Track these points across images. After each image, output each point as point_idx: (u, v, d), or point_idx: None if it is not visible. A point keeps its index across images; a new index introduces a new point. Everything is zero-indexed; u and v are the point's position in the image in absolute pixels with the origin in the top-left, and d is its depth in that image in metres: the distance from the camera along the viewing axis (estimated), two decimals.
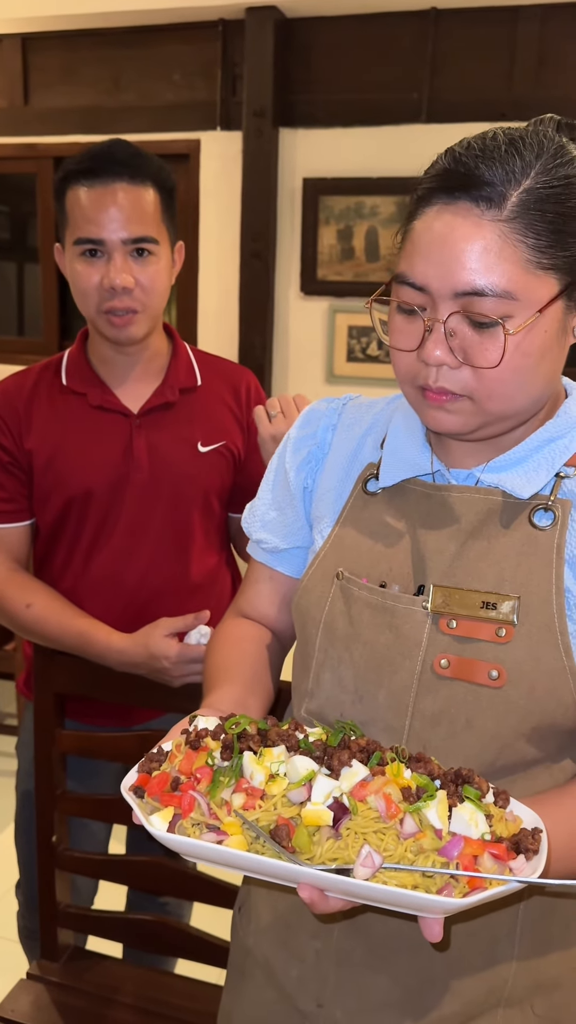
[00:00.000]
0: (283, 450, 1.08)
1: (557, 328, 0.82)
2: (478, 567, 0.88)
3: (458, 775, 0.77)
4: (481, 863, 0.70)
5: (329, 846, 0.70)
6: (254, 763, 0.75)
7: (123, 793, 0.77)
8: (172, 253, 1.51)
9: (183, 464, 1.53)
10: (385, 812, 0.71)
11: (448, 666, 0.87)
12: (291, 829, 0.70)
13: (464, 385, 0.83)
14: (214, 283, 3.63)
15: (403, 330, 0.85)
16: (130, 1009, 1.51)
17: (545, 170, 0.79)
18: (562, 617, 0.85)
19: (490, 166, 0.79)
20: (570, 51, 3.10)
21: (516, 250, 0.78)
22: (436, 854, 0.70)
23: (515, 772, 0.88)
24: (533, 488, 0.88)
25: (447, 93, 3.23)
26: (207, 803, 0.73)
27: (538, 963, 0.93)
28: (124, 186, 1.41)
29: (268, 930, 1.02)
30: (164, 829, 0.73)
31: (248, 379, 1.65)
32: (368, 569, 0.94)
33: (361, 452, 1.01)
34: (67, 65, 3.66)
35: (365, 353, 3.45)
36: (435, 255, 0.80)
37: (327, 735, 0.80)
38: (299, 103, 3.40)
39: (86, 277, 1.43)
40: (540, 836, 0.73)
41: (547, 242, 0.79)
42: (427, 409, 0.86)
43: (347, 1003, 0.94)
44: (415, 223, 0.83)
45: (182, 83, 3.54)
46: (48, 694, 1.49)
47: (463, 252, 0.78)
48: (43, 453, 1.51)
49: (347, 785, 0.73)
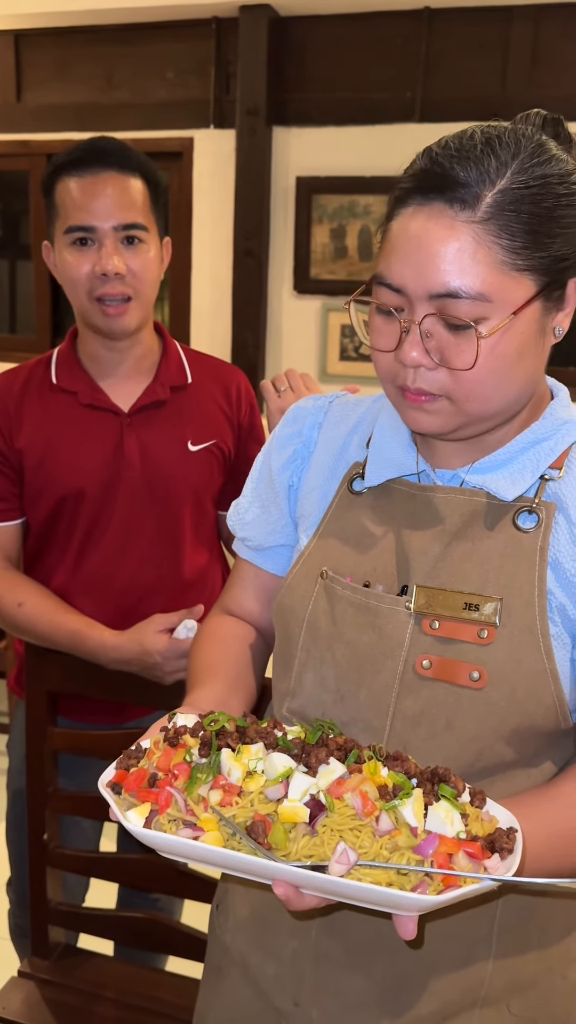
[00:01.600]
0: (268, 448, 1.08)
1: (535, 329, 0.82)
2: (462, 568, 0.88)
3: (434, 774, 0.77)
4: (456, 861, 0.70)
5: (305, 843, 0.71)
6: (232, 760, 0.75)
7: (100, 789, 0.77)
8: (161, 247, 1.52)
9: (173, 463, 1.53)
10: (361, 810, 0.71)
11: (430, 667, 0.87)
12: (267, 825, 0.71)
13: (441, 386, 0.83)
14: (207, 281, 3.63)
15: (382, 331, 0.85)
16: (121, 1006, 1.51)
17: (521, 169, 0.79)
18: (544, 619, 0.85)
19: (465, 166, 0.78)
20: (564, 51, 3.10)
21: (490, 252, 0.77)
22: (411, 852, 0.70)
23: (494, 774, 0.88)
24: (518, 490, 0.88)
25: (441, 92, 3.23)
26: (184, 799, 0.74)
27: (515, 963, 0.93)
28: (113, 175, 1.43)
29: (246, 928, 1.02)
30: (140, 825, 0.73)
31: (239, 378, 1.65)
32: (352, 569, 0.93)
33: (347, 451, 1.01)
34: (60, 62, 3.66)
35: (358, 352, 3.46)
36: (410, 256, 0.80)
37: (305, 733, 0.81)
38: (293, 102, 3.40)
39: (76, 266, 1.44)
40: (515, 836, 0.74)
41: (522, 243, 0.78)
42: (407, 409, 0.87)
43: (324, 1002, 0.94)
44: (392, 223, 0.83)
45: (175, 81, 3.53)
46: (39, 692, 1.49)
47: (437, 254, 0.78)
48: (34, 452, 1.51)
49: (324, 782, 0.73)
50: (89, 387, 1.52)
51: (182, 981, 1.58)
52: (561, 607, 0.86)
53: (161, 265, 1.52)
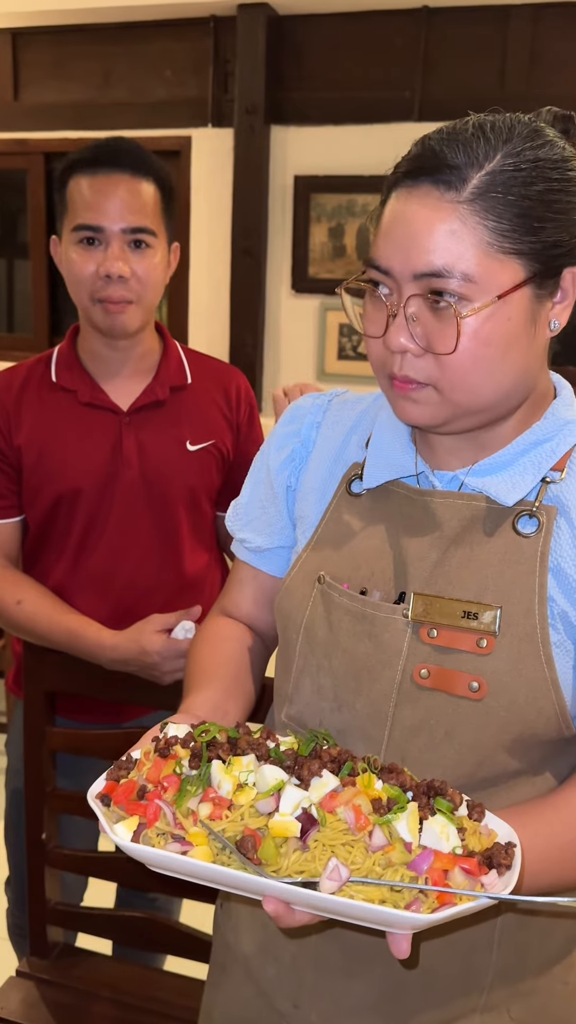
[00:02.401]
0: (267, 448, 1.06)
1: (524, 318, 0.80)
2: (460, 575, 0.86)
3: (430, 787, 0.75)
4: (452, 878, 0.68)
5: (296, 858, 0.69)
6: (222, 772, 0.74)
7: (89, 801, 0.76)
8: (168, 252, 1.52)
9: (172, 463, 1.53)
10: (354, 824, 0.70)
11: (428, 676, 0.85)
12: (257, 840, 0.69)
13: (428, 374, 0.81)
14: (205, 280, 3.62)
15: (372, 317, 0.84)
16: (119, 1005, 1.51)
17: (512, 153, 0.77)
18: (544, 627, 0.83)
19: (453, 149, 0.78)
20: (562, 50, 3.09)
21: (475, 232, 0.76)
22: (405, 868, 0.69)
23: (496, 784, 0.87)
24: (518, 494, 0.86)
25: (439, 91, 3.22)
26: (172, 812, 0.72)
27: (516, 969, 0.92)
28: (126, 177, 1.43)
29: (247, 929, 1.02)
30: (128, 839, 0.72)
31: (238, 379, 1.65)
32: (349, 573, 0.92)
33: (346, 451, 0.99)
34: (57, 60, 3.64)
35: (356, 351, 3.46)
36: (397, 237, 0.79)
37: (299, 744, 0.79)
38: (291, 100, 3.39)
39: (82, 264, 1.44)
40: (513, 851, 0.72)
41: (510, 226, 0.76)
42: (395, 399, 0.85)
43: (322, 1006, 0.94)
44: (384, 208, 0.82)
45: (173, 79, 3.52)
46: (38, 692, 1.49)
47: (421, 233, 0.77)
48: (32, 450, 1.51)
49: (316, 796, 0.72)
50: (88, 386, 1.52)
51: (181, 980, 1.58)
52: (563, 614, 0.84)
53: (167, 270, 1.52)
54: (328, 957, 0.93)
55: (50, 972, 1.57)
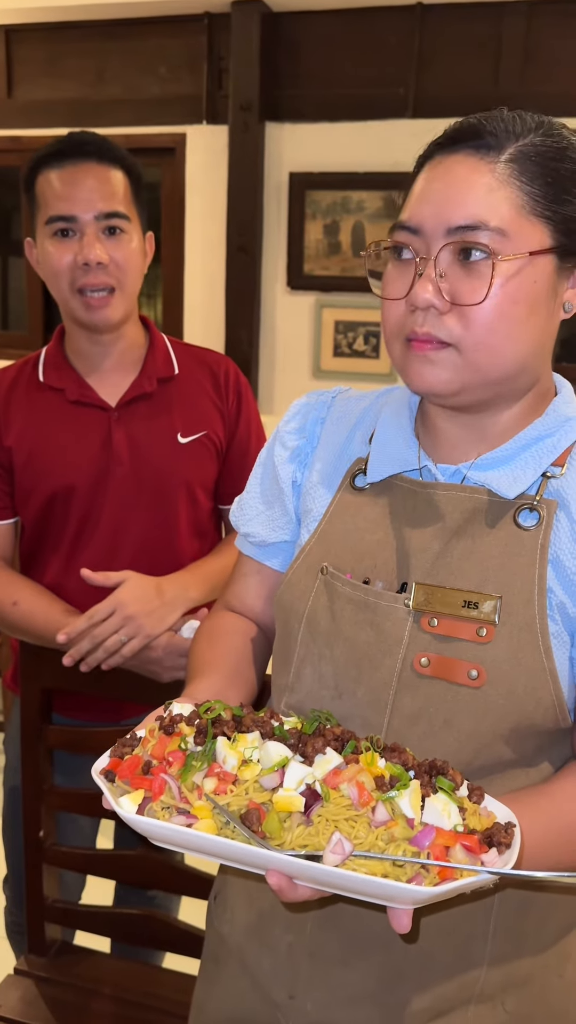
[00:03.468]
0: (272, 444, 1.07)
1: (547, 286, 0.83)
2: (461, 566, 0.88)
3: (432, 766, 0.76)
4: (453, 854, 0.69)
5: (300, 832, 0.70)
6: (227, 748, 0.75)
7: (93, 776, 0.77)
8: (144, 240, 1.51)
9: (163, 456, 1.53)
10: (357, 800, 0.71)
11: (428, 664, 0.86)
12: (262, 814, 0.70)
13: (450, 332, 0.82)
14: (200, 277, 3.62)
15: (395, 278, 0.86)
16: (118, 1002, 1.51)
17: (544, 134, 0.83)
18: (543, 618, 0.84)
19: (492, 122, 0.82)
20: (556, 47, 3.10)
21: (510, 190, 0.80)
22: (407, 843, 0.69)
23: (492, 773, 0.88)
24: (519, 488, 0.87)
25: (433, 89, 3.23)
26: (178, 786, 0.73)
27: (511, 961, 0.93)
28: (93, 165, 1.43)
29: (242, 920, 1.02)
30: (133, 811, 0.73)
31: (227, 365, 1.64)
32: (353, 565, 0.93)
33: (350, 447, 1.00)
34: (51, 58, 3.64)
35: (352, 348, 3.45)
36: (432, 195, 0.82)
37: (302, 724, 0.80)
38: (285, 97, 3.39)
39: (58, 257, 1.43)
40: (513, 830, 0.73)
41: (541, 191, 0.81)
42: (412, 363, 0.85)
43: (318, 996, 0.94)
44: (418, 177, 0.86)
45: (168, 76, 3.52)
46: (35, 689, 1.49)
47: (459, 191, 0.81)
48: (23, 450, 1.50)
49: (320, 772, 0.73)
50: (76, 383, 1.52)
51: (179, 977, 1.57)
52: (561, 605, 0.86)
53: (144, 258, 1.51)
54: (324, 946, 0.94)
55: (48, 970, 1.56)
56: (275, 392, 3.58)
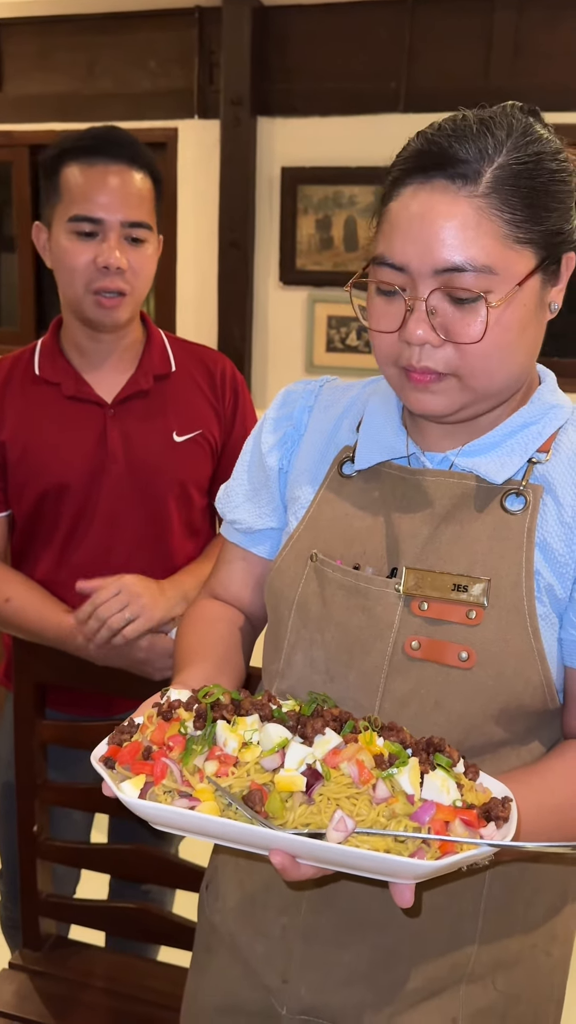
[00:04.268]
0: (259, 431, 1.08)
1: (535, 302, 0.84)
2: (450, 550, 0.89)
3: (430, 743, 0.77)
4: (452, 829, 0.70)
5: (302, 811, 0.70)
6: (227, 731, 0.75)
7: (92, 763, 0.77)
8: (157, 244, 1.51)
9: (158, 455, 1.52)
10: (358, 778, 0.71)
11: (419, 648, 0.87)
12: (264, 795, 0.70)
13: (448, 363, 0.84)
14: (192, 273, 3.61)
15: (384, 312, 0.86)
16: (113, 996, 1.51)
17: (516, 147, 0.81)
18: (531, 599, 0.86)
19: (463, 144, 0.80)
20: (546, 40, 3.11)
21: (493, 224, 0.80)
22: (408, 819, 0.70)
23: (483, 753, 0.89)
24: (507, 473, 0.89)
25: (424, 82, 3.23)
26: (179, 770, 0.73)
27: (501, 940, 0.94)
28: (123, 168, 1.42)
29: (235, 907, 1.02)
30: (135, 796, 0.73)
31: (224, 364, 1.64)
32: (342, 551, 0.94)
33: (337, 434, 1.01)
34: (42, 52, 3.63)
35: (344, 343, 3.46)
36: (414, 233, 0.81)
37: (300, 706, 0.81)
38: (277, 92, 3.39)
39: (77, 255, 1.42)
40: (510, 805, 0.74)
41: (522, 216, 0.80)
42: (411, 391, 0.87)
43: (312, 979, 0.95)
44: (391, 205, 0.84)
45: (158, 70, 3.52)
46: (28, 684, 1.48)
47: (442, 229, 0.80)
48: (17, 445, 1.49)
49: (320, 752, 0.73)
50: (72, 378, 1.51)
51: (174, 970, 1.58)
52: (549, 587, 0.87)
53: (156, 262, 1.51)
54: (318, 929, 0.94)
55: (43, 964, 1.56)
56: (268, 387, 3.57)
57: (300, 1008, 0.96)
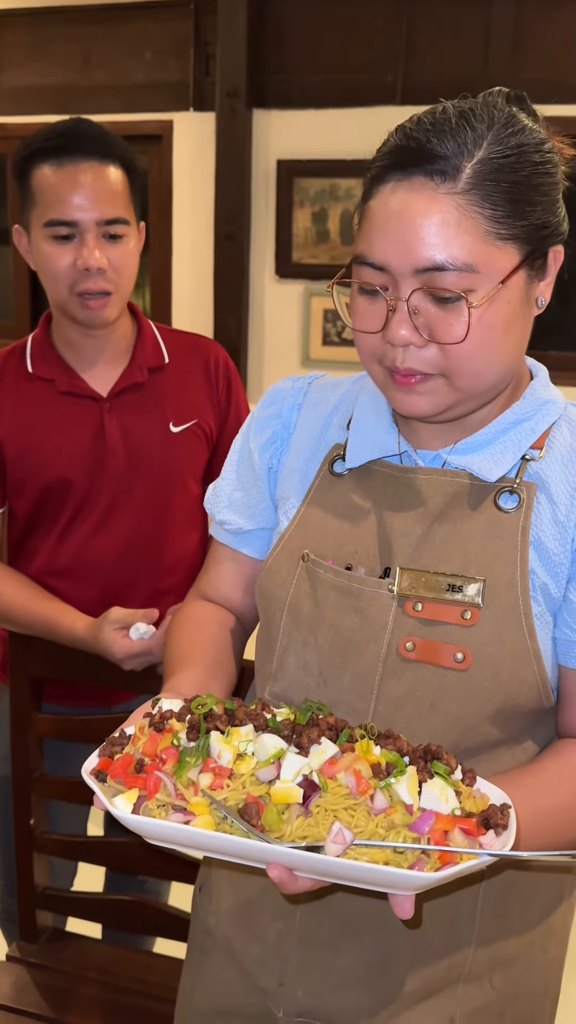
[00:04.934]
0: (247, 430, 1.06)
1: (520, 299, 0.82)
2: (444, 550, 0.88)
3: (427, 751, 0.77)
4: (452, 838, 0.69)
5: (299, 824, 0.70)
6: (221, 742, 0.74)
7: (84, 777, 0.76)
8: (138, 234, 1.50)
9: (156, 446, 1.52)
10: (355, 788, 0.71)
11: (413, 649, 0.86)
12: (260, 807, 0.70)
13: (433, 364, 0.82)
14: (188, 266, 3.60)
15: (366, 312, 0.84)
16: (109, 988, 1.52)
17: (497, 140, 0.79)
18: (526, 599, 0.85)
19: (442, 139, 0.78)
20: (545, 33, 3.09)
21: (474, 222, 0.77)
22: (407, 830, 0.70)
23: (479, 753, 0.88)
24: (500, 471, 0.87)
25: (422, 75, 3.22)
26: (173, 783, 0.72)
27: (497, 939, 0.94)
28: (94, 165, 1.39)
29: (229, 910, 1.02)
30: (128, 811, 0.72)
31: (217, 352, 1.63)
32: (334, 551, 0.93)
33: (327, 432, 0.99)
34: (36, 43, 3.60)
35: (341, 337, 3.45)
36: (393, 232, 0.79)
37: (295, 715, 0.80)
38: (273, 84, 3.37)
39: (57, 259, 1.41)
40: (509, 812, 0.73)
41: (504, 212, 0.78)
42: (396, 392, 0.86)
43: (309, 982, 0.94)
44: (371, 203, 0.82)
45: (154, 62, 3.49)
46: (24, 678, 1.49)
47: (421, 227, 0.77)
48: (14, 442, 1.49)
49: (316, 762, 0.72)
50: (66, 374, 1.51)
51: (170, 962, 1.58)
52: (544, 586, 0.86)
53: (139, 253, 1.50)
54: (314, 932, 0.94)
55: (40, 956, 1.57)
56: (264, 381, 3.57)
57: (297, 1011, 0.96)
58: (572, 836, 0.87)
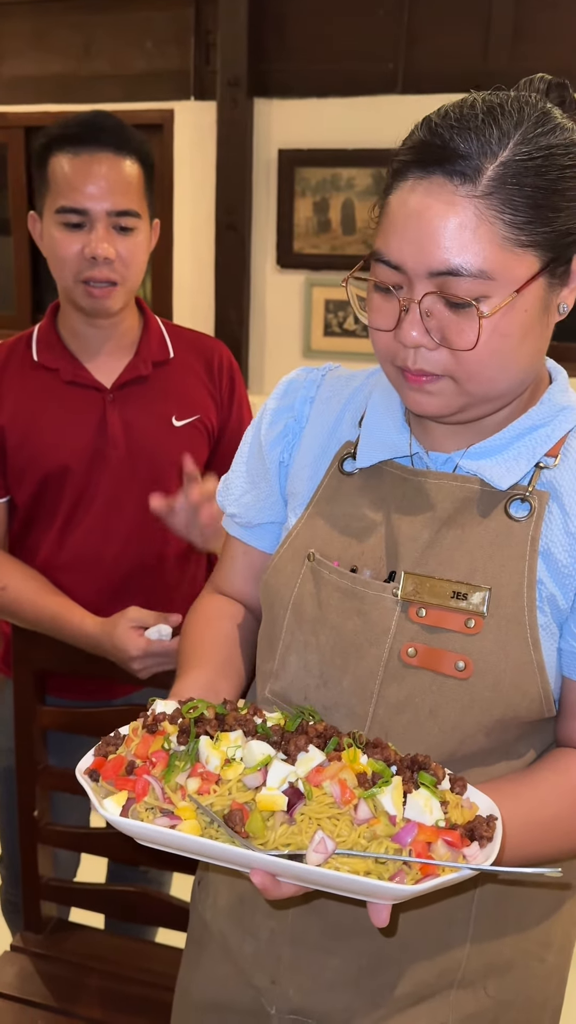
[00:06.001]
0: (259, 422, 1.04)
1: (538, 307, 0.80)
2: (451, 556, 0.87)
3: (414, 761, 0.77)
4: (435, 850, 0.70)
5: (283, 831, 0.70)
6: (210, 747, 0.75)
7: (77, 776, 0.77)
8: (150, 230, 1.50)
9: (158, 439, 1.53)
10: (340, 798, 0.71)
11: (415, 655, 0.86)
12: (245, 814, 0.70)
13: (443, 366, 0.80)
14: (189, 256, 3.59)
15: (380, 309, 0.83)
16: (112, 978, 1.54)
17: (524, 140, 0.76)
18: (532, 610, 0.84)
19: (465, 138, 0.75)
20: (545, 22, 3.06)
21: (492, 227, 0.75)
22: (389, 840, 0.70)
23: (475, 762, 0.88)
24: (512, 478, 0.86)
25: (423, 63, 3.19)
26: (161, 787, 0.73)
27: (492, 946, 0.93)
28: (110, 156, 1.40)
29: (225, 906, 1.02)
30: (117, 813, 0.73)
31: (221, 351, 1.64)
32: (340, 552, 0.92)
33: (339, 428, 0.98)
34: (36, 32, 3.58)
35: (342, 327, 3.44)
36: (409, 233, 0.77)
37: (285, 720, 0.80)
38: (274, 72, 3.35)
39: (66, 245, 1.42)
40: (495, 823, 0.73)
41: (525, 218, 0.75)
42: (407, 391, 0.84)
43: (300, 981, 0.94)
44: (391, 197, 0.80)
45: (155, 51, 3.47)
46: (27, 672, 1.50)
47: (437, 230, 0.76)
48: (16, 430, 1.50)
49: (303, 770, 0.73)
50: (71, 364, 1.51)
51: (172, 952, 1.60)
52: (551, 597, 0.85)
53: (148, 249, 1.51)
54: (306, 933, 0.94)
55: (44, 946, 1.59)
56: (265, 372, 3.56)
57: (289, 1008, 0.96)
58: (566, 848, 0.87)
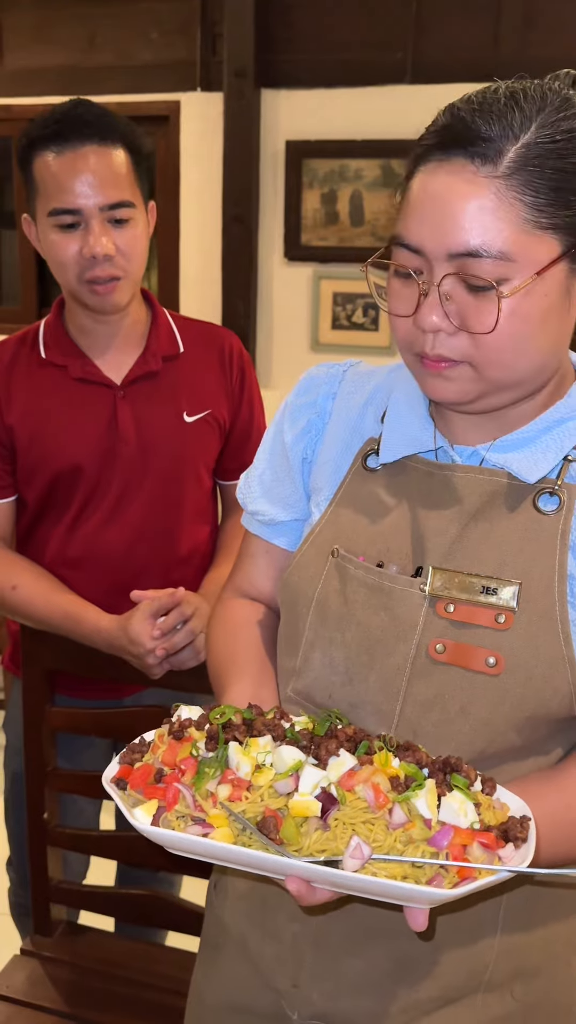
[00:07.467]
0: (281, 418, 1.04)
1: (559, 292, 0.79)
2: (479, 550, 0.86)
3: (446, 763, 0.76)
4: (470, 852, 0.69)
5: (317, 837, 0.69)
6: (240, 753, 0.74)
7: (105, 785, 0.76)
8: (147, 215, 1.47)
9: (170, 436, 1.51)
10: (374, 802, 0.70)
11: (444, 651, 0.85)
12: (278, 820, 0.69)
13: (462, 352, 0.80)
14: (196, 249, 3.57)
15: (400, 295, 0.83)
16: (123, 981, 1.53)
17: (547, 123, 0.76)
18: (563, 605, 0.83)
19: (487, 120, 0.76)
20: (556, 11, 3.04)
21: (513, 209, 0.75)
22: (426, 844, 0.69)
23: (504, 760, 0.87)
24: (540, 472, 0.86)
25: (432, 53, 3.16)
26: (192, 795, 0.72)
27: (520, 948, 0.93)
28: (95, 149, 1.37)
29: (245, 907, 1.01)
30: (148, 823, 0.72)
31: (231, 341, 1.62)
32: (365, 547, 0.91)
33: (362, 424, 0.98)
34: (41, 23, 3.55)
35: (350, 320, 3.42)
36: (429, 215, 0.78)
37: (313, 724, 0.79)
38: (281, 63, 3.32)
39: (64, 248, 1.40)
40: (528, 824, 0.73)
41: (546, 200, 0.75)
42: (426, 377, 0.84)
43: (324, 985, 0.94)
44: (412, 182, 0.81)
45: (160, 42, 3.44)
46: (36, 672, 1.49)
47: (457, 211, 0.76)
48: (25, 429, 1.48)
49: (335, 775, 0.72)
50: (79, 360, 1.50)
51: (182, 955, 1.59)
52: None
53: (148, 235, 1.48)
54: (330, 936, 0.93)
55: (54, 950, 1.58)
56: (273, 365, 3.54)
57: (311, 1013, 0.95)
58: None
